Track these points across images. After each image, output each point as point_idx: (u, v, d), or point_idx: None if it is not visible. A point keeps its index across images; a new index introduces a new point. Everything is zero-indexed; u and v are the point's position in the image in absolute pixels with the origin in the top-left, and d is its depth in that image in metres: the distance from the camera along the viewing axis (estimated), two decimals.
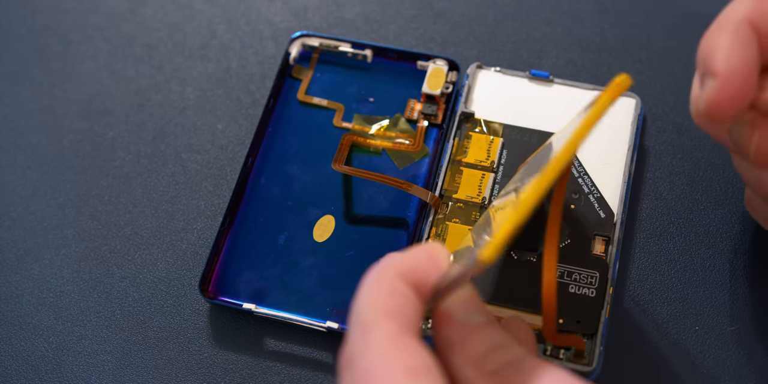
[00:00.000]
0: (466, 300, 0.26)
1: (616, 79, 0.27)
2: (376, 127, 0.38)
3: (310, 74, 0.39)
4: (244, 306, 0.33)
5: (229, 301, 0.34)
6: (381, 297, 0.24)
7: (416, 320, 0.24)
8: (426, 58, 0.38)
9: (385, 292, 0.24)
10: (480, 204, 0.35)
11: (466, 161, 0.36)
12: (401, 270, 0.25)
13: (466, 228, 0.34)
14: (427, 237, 0.34)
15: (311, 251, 0.35)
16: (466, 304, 0.25)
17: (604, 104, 0.26)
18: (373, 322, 0.23)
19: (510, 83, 0.38)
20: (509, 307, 0.32)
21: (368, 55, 0.39)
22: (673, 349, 0.33)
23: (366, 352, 0.23)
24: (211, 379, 0.33)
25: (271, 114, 0.38)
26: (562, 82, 0.37)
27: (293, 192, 0.36)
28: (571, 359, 0.31)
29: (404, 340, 0.23)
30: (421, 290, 0.25)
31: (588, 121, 0.26)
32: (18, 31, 0.42)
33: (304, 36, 0.39)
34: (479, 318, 0.25)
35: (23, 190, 0.38)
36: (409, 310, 0.24)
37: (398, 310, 0.23)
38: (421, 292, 0.25)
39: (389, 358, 0.22)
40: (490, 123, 0.36)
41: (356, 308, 0.24)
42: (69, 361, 0.34)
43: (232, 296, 0.34)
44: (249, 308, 0.33)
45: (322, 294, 0.34)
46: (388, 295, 0.24)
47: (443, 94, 0.38)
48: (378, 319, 0.23)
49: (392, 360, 0.22)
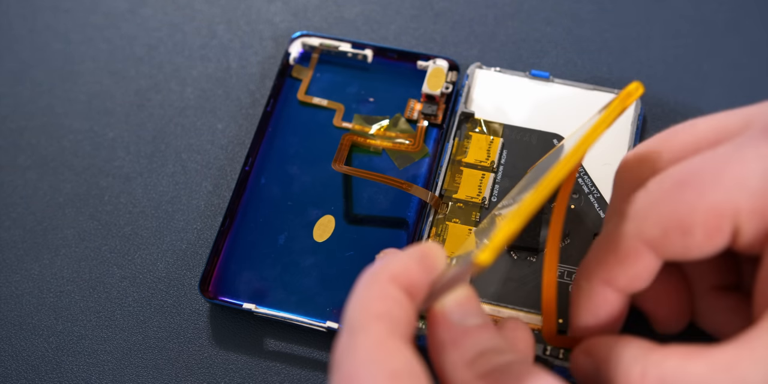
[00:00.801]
0: (462, 301, 0.25)
1: (628, 87, 0.27)
2: (376, 127, 0.38)
3: (310, 74, 0.39)
4: (244, 306, 0.33)
5: (229, 301, 0.34)
6: (371, 300, 0.24)
7: (406, 323, 0.24)
8: (426, 58, 0.38)
9: (374, 295, 0.24)
10: (480, 204, 0.35)
11: (466, 161, 0.36)
12: (393, 273, 0.24)
13: (466, 228, 0.34)
14: (428, 237, 0.34)
15: (311, 251, 0.35)
16: (463, 305, 0.25)
17: (615, 111, 0.26)
18: (360, 325, 0.23)
19: (510, 83, 0.38)
20: (508, 307, 0.32)
21: (368, 55, 0.39)
22: None
23: (351, 355, 0.23)
24: (211, 379, 0.33)
25: (271, 114, 0.38)
26: (562, 82, 0.37)
27: (293, 192, 0.36)
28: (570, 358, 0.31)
29: (390, 343, 0.23)
30: (414, 293, 0.25)
31: (597, 127, 0.26)
32: (18, 31, 0.42)
33: (304, 36, 0.39)
34: (474, 320, 0.25)
35: (23, 190, 0.38)
36: (398, 313, 0.24)
37: (387, 313, 0.23)
38: (414, 295, 0.25)
39: (372, 361, 0.22)
40: (490, 123, 0.36)
41: (347, 311, 0.24)
42: (69, 361, 0.34)
43: (232, 296, 0.34)
44: (249, 308, 0.33)
45: (321, 294, 0.34)
46: (378, 298, 0.24)
47: (443, 94, 0.38)
48: (365, 322, 0.23)
49: (375, 364, 0.22)
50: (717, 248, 0.25)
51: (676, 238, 0.25)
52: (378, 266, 0.25)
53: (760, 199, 0.24)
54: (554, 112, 0.37)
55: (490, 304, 0.32)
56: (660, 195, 0.25)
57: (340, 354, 0.23)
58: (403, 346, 0.23)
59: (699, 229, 0.24)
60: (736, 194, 0.24)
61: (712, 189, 0.24)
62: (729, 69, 0.39)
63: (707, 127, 0.27)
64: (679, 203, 0.25)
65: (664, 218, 0.25)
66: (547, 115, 0.36)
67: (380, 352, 0.23)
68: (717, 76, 0.39)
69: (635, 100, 0.28)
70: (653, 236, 0.25)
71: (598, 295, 0.28)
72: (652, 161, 0.27)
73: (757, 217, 0.24)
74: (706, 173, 0.24)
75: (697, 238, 0.25)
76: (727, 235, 0.24)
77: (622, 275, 0.27)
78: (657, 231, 0.25)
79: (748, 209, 0.24)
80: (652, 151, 0.28)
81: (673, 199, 0.25)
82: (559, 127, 0.36)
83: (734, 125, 0.26)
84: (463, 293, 0.26)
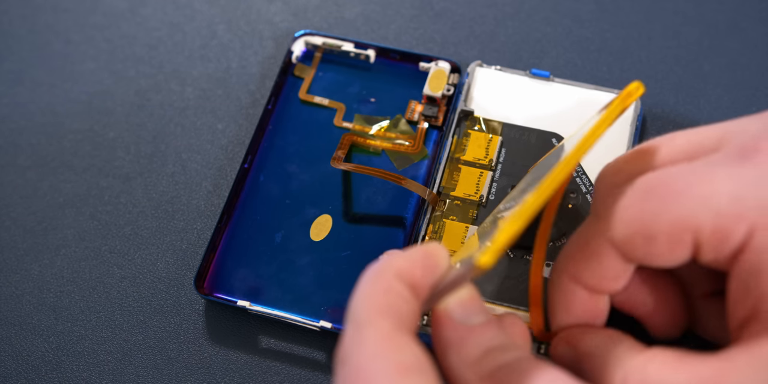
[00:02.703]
0: (465, 300, 0.26)
1: (629, 87, 0.27)
2: (377, 128, 0.38)
3: (313, 73, 0.39)
4: (239, 303, 0.33)
5: (223, 297, 0.34)
6: (376, 295, 0.24)
7: (411, 319, 0.24)
8: (428, 59, 0.38)
9: (380, 290, 0.24)
10: (477, 202, 0.35)
11: (464, 159, 0.36)
12: (399, 269, 0.25)
13: (464, 225, 0.34)
14: (424, 234, 0.34)
15: (307, 250, 0.35)
16: (466, 304, 0.25)
17: (615, 111, 0.27)
18: (367, 320, 0.23)
19: (510, 82, 0.38)
20: (504, 305, 0.32)
21: (371, 56, 0.39)
22: None
23: (359, 349, 0.23)
24: (211, 379, 0.33)
25: (272, 112, 0.38)
26: (562, 81, 0.37)
27: (291, 190, 0.36)
28: None
29: (397, 337, 0.23)
30: (418, 290, 0.25)
31: (598, 127, 0.26)
32: (18, 31, 0.42)
33: (307, 34, 0.39)
34: (478, 319, 0.25)
35: (23, 190, 0.38)
36: (404, 308, 0.24)
37: (393, 308, 0.24)
38: (418, 292, 0.25)
39: (381, 355, 0.22)
40: (489, 121, 0.36)
41: (352, 306, 0.24)
42: (69, 361, 0.34)
43: (227, 293, 0.34)
44: (243, 305, 0.33)
45: (316, 293, 0.34)
46: (384, 293, 0.24)
47: (444, 96, 0.38)
48: (372, 317, 0.23)
49: (384, 357, 0.22)
50: (680, 259, 0.25)
51: (639, 243, 0.25)
52: (383, 263, 0.25)
53: (723, 220, 0.24)
54: (554, 111, 0.37)
55: (487, 302, 0.32)
56: (630, 200, 0.25)
57: (346, 349, 0.23)
58: (411, 340, 0.23)
59: (661, 239, 0.24)
60: (700, 211, 0.24)
61: (679, 202, 0.24)
62: (729, 69, 0.39)
63: (685, 141, 0.27)
64: (646, 211, 0.25)
65: (631, 222, 0.25)
66: (547, 115, 0.36)
67: (388, 346, 0.23)
68: (717, 76, 0.39)
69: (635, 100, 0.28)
70: (619, 238, 0.25)
71: (568, 291, 0.28)
72: (630, 169, 0.27)
73: (718, 238, 0.24)
74: (676, 185, 0.25)
75: (660, 247, 0.25)
76: (688, 248, 0.24)
77: (589, 273, 0.27)
78: (623, 233, 0.25)
79: (709, 229, 0.24)
80: (632, 158, 0.28)
81: (641, 206, 0.25)
82: (559, 127, 0.36)
83: (710, 141, 0.26)
84: (466, 293, 0.26)
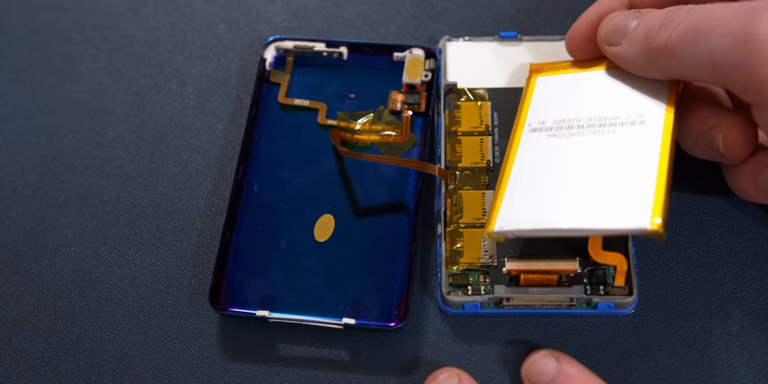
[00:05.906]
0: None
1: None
2: (362, 122, 0.38)
3: (288, 77, 0.39)
4: (258, 314, 0.33)
5: (241, 311, 0.33)
6: None
7: None
8: (402, 48, 0.39)
9: None
10: (486, 167, 0.35)
11: (461, 130, 0.36)
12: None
13: (479, 192, 0.35)
14: (445, 209, 0.34)
15: (315, 252, 0.35)
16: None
17: None
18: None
19: (482, 49, 0.39)
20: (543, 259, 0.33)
21: (344, 53, 0.39)
22: (671, 349, 0.33)
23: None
24: (211, 379, 0.33)
25: (255, 121, 0.38)
26: (530, 38, 0.39)
27: (288, 195, 0.36)
28: (611, 291, 0.32)
29: None
30: None
31: None
32: (18, 31, 0.42)
33: (277, 40, 0.39)
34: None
35: (23, 190, 0.38)
36: None
37: None
38: None
39: None
40: (474, 90, 0.37)
41: None
42: (69, 361, 0.34)
43: (242, 306, 0.33)
44: (263, 315, 0.33)
45: (331, 292, 0.34)
46: None
47: (423, 82, 0.38)
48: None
49: None
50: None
51: None
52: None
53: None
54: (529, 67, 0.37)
55: (523, 260, 0.33)
56: None
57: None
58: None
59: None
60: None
61: None
62: None
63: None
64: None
65: None
66: (524, 72, 0.37)
67: None
68: None
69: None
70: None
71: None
72: None
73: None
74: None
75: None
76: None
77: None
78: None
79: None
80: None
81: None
82: None
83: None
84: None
